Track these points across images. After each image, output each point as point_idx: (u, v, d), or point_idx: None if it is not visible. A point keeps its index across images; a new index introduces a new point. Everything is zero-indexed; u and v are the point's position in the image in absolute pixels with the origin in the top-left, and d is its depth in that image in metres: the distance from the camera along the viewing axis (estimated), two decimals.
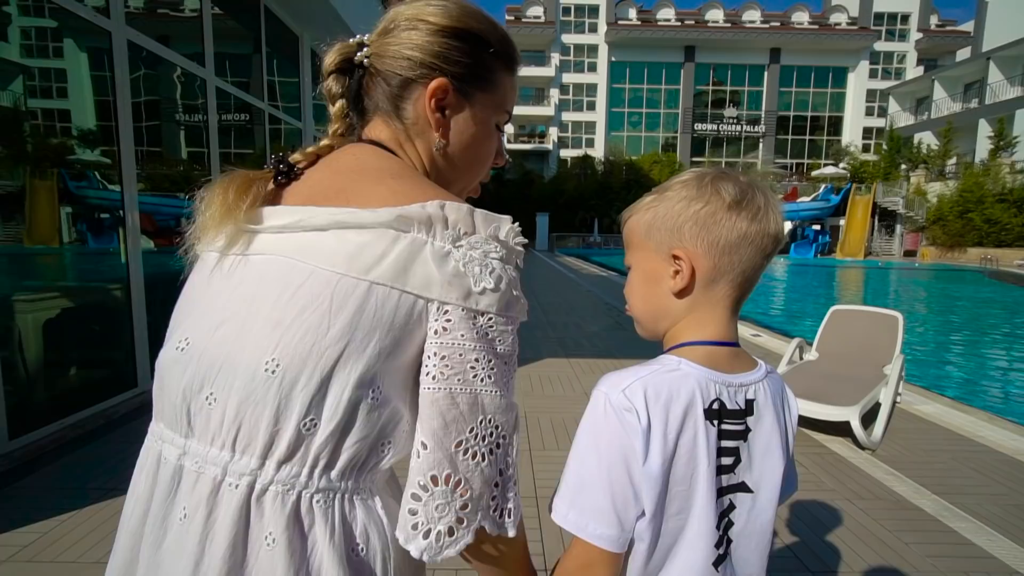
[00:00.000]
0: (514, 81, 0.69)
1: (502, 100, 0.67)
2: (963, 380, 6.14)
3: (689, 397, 0.60)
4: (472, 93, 0.64)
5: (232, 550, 0.50)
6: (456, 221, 0.54)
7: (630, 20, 36.76)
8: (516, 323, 0.57)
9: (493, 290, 0.54)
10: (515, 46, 0.68)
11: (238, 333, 0.52)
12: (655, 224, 0.66)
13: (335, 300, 0.51)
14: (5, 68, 3.17)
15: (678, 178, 0.68)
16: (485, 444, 0.53)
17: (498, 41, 0.65)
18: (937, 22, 37.48)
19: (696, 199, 0.64)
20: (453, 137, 0.64)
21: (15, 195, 3.05)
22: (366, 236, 0.52)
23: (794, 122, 37.43)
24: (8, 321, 2.84)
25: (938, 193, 24.70)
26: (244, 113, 5.55)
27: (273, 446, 0.51)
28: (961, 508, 2.40)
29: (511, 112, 0.70)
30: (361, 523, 0.55)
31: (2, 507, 2.27)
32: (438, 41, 0.61)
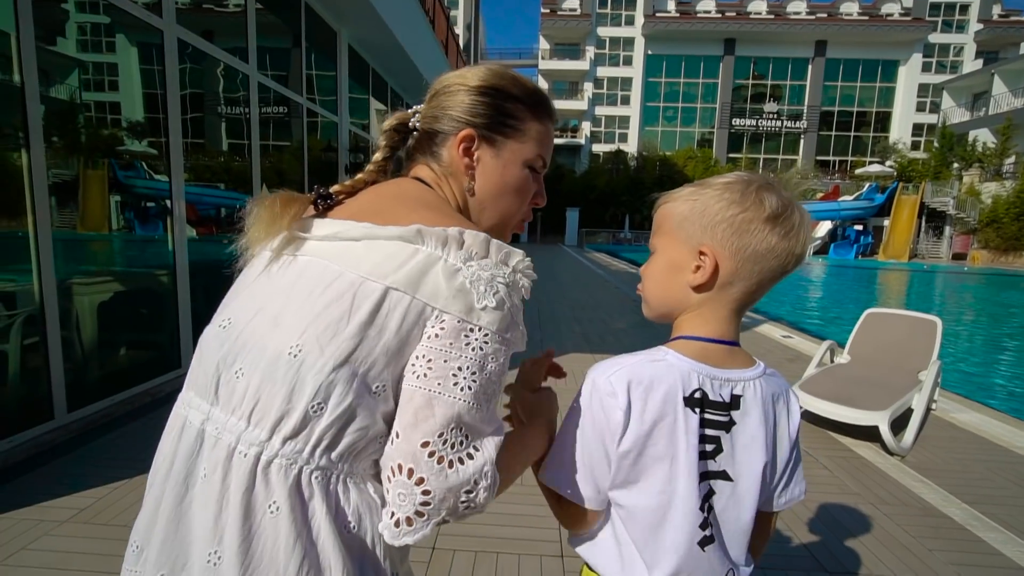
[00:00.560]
0: (547, 129, 0.76)
1: (532, 144, 0.74)
2: (1008, 391, 5.87)
3: (670, 385, 0.66)
4: (497, 139, 0.73)
5: (244, 512, 0.56)
6: (471, 245, 0.61)
7: (668, 12, 36.01)
8: (511, 348, 0.62)
9: (495, 308, 0.59)
10: (546, 99, 0.76)
11: (272, 319, 0.60)
12: (690, 217, 0.69)
13: (356, 299, 0.58)
14: (63, 63, 3.35)
15: (722, 178, 0.70)
16: (454, 452, 0.56)
17: (524, 94, 0.74)
18: (1000, 12, 35.35)
19: (737, 203, 0.67)
20: (480, 178, 0.73)
21: (70, 183, 3.24)
22: (390, 247, 0.60)
23: (838, 118, 36.03)
24: (67, 303, 3.05)
25: (993, 194, 23.42)
26: (283, 106, 5.73)
27: (282, 422, 0.56)
28: (992, 518, 2.33)
29: (545, 156, 0.76)
30: (354, 503, 0.59)
31: (62, 473, 2.46)
32: (468, 99, 0.72)
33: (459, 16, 32.09)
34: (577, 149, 36.40)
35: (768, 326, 6.88)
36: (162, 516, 0.60)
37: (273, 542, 0.56)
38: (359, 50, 7.54)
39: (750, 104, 36.25)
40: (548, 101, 0.77)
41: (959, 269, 21.04)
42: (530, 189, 0.77)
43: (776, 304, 11.52)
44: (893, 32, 33.89)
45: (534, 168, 0.76)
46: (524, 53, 42.66)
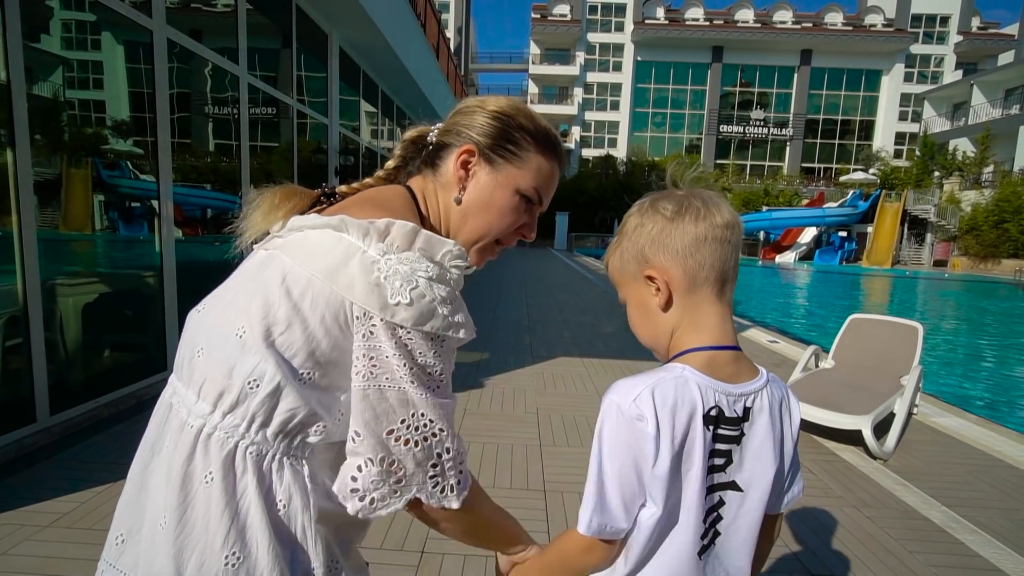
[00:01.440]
0: (551, 167, 0.78)
1: (529, 174, 0.76)
2: (987, 395, 6.01)
3: (692, 404, 0.65)
4: (496, 160, 0.75)
5: (183, 479, 0.59)
6: (394, 237, 0.61)
7: (657, 19, 36.39)
8: (442, 340, 0.62)
9: (408, 304, 0.59)
10: (557, 141, 0.79)
11: (229, 304, 0.64)
12: (624, 258, 0.75)
13: (285, 285, 0.61)
14: (46, 60, 3.31)
15: (627, 214, 0.77)
16: (418, 433, 0.61)
17: (535, 128, 0.77)
18: (979, 25, 36.25)
19: (643, 224, 0.73)
20: (470, 192, 0.75)
21: (52, 182, 3.19)
22: (318, 236, 0.62)
23: (823, 126, 36.64)
24: (51, 304, 3.00)
25: (972, 202, 23.94)
26: (272, 107, 5.70)
27: (223, 397, 0.60)
28: (971, 521, 2.39)
29: (542, 191, 0.78)
30: (286, 483, 0.61)
31: (44, 477, 2.42)
32: (481, 119, 0.76)
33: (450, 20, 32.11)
34: (567, 154, 36.54)
35: (755, 331, 6.96)
36: (130, 481, 0.66)
37: (205, 511, 0.58)
38: (350, 52, 7.52)
39: (737, 111, 36.72)
40: (558, 143, 0.79)
41: (940, 275, 21.46)
42: (516, 216, 0.78)
43: (762, 309, 11.66)
44: (876, 42, 34.59)
45: (528, 199, 0.77)
46: (515, 57, 42.83)
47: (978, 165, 26.03)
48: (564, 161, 0.81)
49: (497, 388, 4.03)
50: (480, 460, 2.79)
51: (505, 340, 5.74)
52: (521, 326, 6.63)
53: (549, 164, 0.78)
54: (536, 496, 2.43)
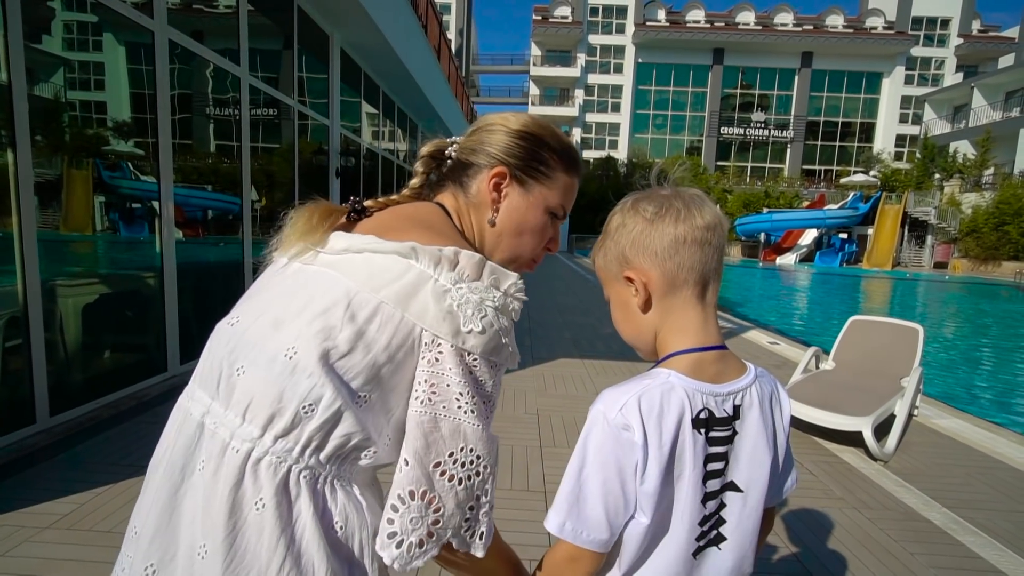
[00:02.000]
0: (573, 184, 0.81)
1: (558, 193, 0.79)
2: (988, 396, 6.00)
3: (680, 409, 0.65)
4: (527, 181, 0.77)
5: (231, 506, 0.57)
6: (464, 267, 0.63)
7: (658, 21, 36.45)
8: (501, 368, 0.65)
9: (480, 332, 0.61)
10: (578, 157, 0.82)
11: (274, 321, 0.62)
12: (608, 258, 0.76)
13: (350, 308, 0.60)
14: (48, 61, 3.31)
15: (612, 212, 0.78)
16: (464, 470, 0.60)
17: (560, 147, 0.79)
18: (979, 27, 36.29)
19: (624, 225, 0.73)
20: (503, 213, 0.77)
21: (53, 183, 3.20)
22: (386, 261, 0.62)
23: (824, 128, 36.65)
24: (51, 305, 3.01)
25: (973, 204, 23.94)
26: (273, 108, 5.71)
27: (274, 420, 0.58)
28: (971, 522, 2.38)
29: (567, 207, 0.81)
30: (341, 504, 0.60)
31: (44, 478, 2.42)
32: (508, 140, 0.76)
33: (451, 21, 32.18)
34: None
35: (755, 332, 6.96)
36: (156, 506, 0.62)
37: (257, 538, 0.56)
38: (351, 54, 7.53)
39: (738, 113, 36.75)
40: (579, 158, 0.82)
41: (940, 278, 21.44)
42: (547, 233, 0.81)
43: (763, 311, 11.66)
44: (877, 45, 34.62)
45: (555, 215, 0.80)
46: (516, 59, 42.91)
47: (978, 167, 26.02)
48: (582, 172, 0.84)
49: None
50: None
51: None
52: (521, 327, 6.64)
53: (572, 181, 0.81)
54: (537, 498, 2.43)
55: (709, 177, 32.50)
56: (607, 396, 0.67)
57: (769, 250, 27.63)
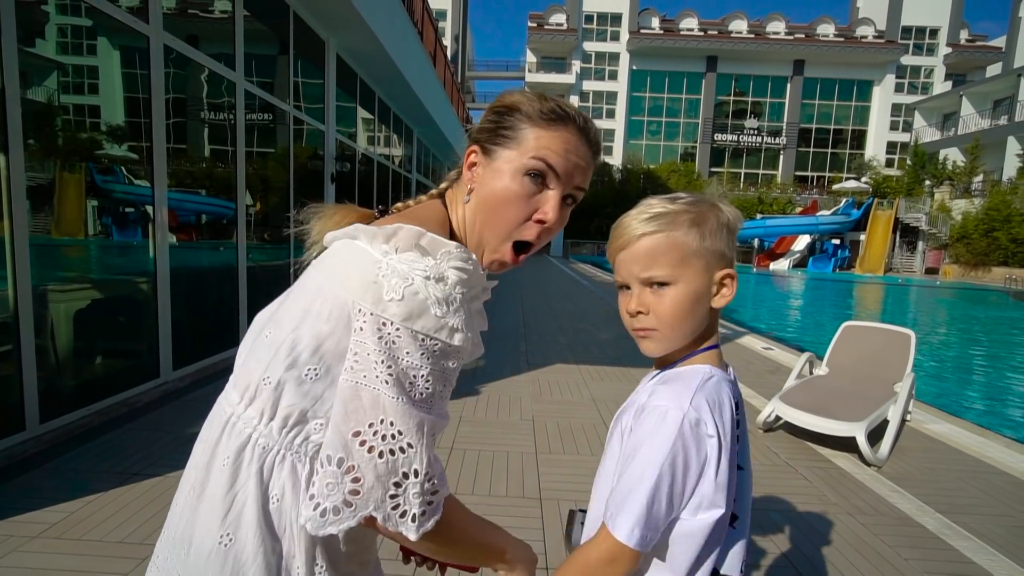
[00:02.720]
0: (558, 134, 0.70)
1: (530, 147, 0.70)
2: (979, 401, 6.04)
3: (729, 399, 0.70)
4: (492, 150, 0.72)
5: (209, 459, 0.64)
6: (399, 240, 0.62)
7: (652, 29, 36.73)
8: (435, 345, 0.61)
9: (399, 300, 0.59)
10: (557, 108, 0.72)
11: (275, 308, 0.69)
12: (703, 245, 0.72)
13: (303, 286, 0.66)
14: (41, 64, 3.30)
15: (706, 200, 0.75)
16: (384, 443, 0.58)
17: (530, 106, 0.71)
18: (967, 37, 36.83)
19: (724, 225, 0.74)
20: (477, 190, 0.73)
21: (45, 187, 3.18)
22: (337, 244, 0.67)
23: (816, 135, 37.01)
24: (41, 310, 2.98)
25: (963, 210, 24.21)
26: (268, 113, 5.70)
27: (247, 390, 0.64)
28: (964, 527, 2.40)
29: (553, 161, 0.70)
30: (283, 479, 0.62)
31: (33, 486, 2.39)
32: (484, 116, 0.76)
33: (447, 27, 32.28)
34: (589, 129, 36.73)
35: (749, 338, 6.98)
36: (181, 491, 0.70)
37: (214, 490, 0.63)
38: (347, 59, 7.54)
39: (731, 120, 37.05)
40: (563, 109, 0.72)
41: (932, 283, 21.64)
42: (522, 202, 0.70)
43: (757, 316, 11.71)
44: (867, 53, 35.05)
45: (537, 174, 0.70)
46: (511, 66, 43.07)
47: (968, 174, 26.34)
48: (584, 127, 0.72)
49: (492, 395, 4.02)
50: (476, 468, 2.78)
51: (501, 347, 5.73)
52: (517, 333, 6.63)
53: (552, 132, 0.70)
54: (532, 504, 2.42)
55: (703, 183, 32.70)
56: (667, 394, 0.67)
57: (763, 256, 27.80)
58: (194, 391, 3.84)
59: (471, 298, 0.67)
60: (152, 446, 2.85)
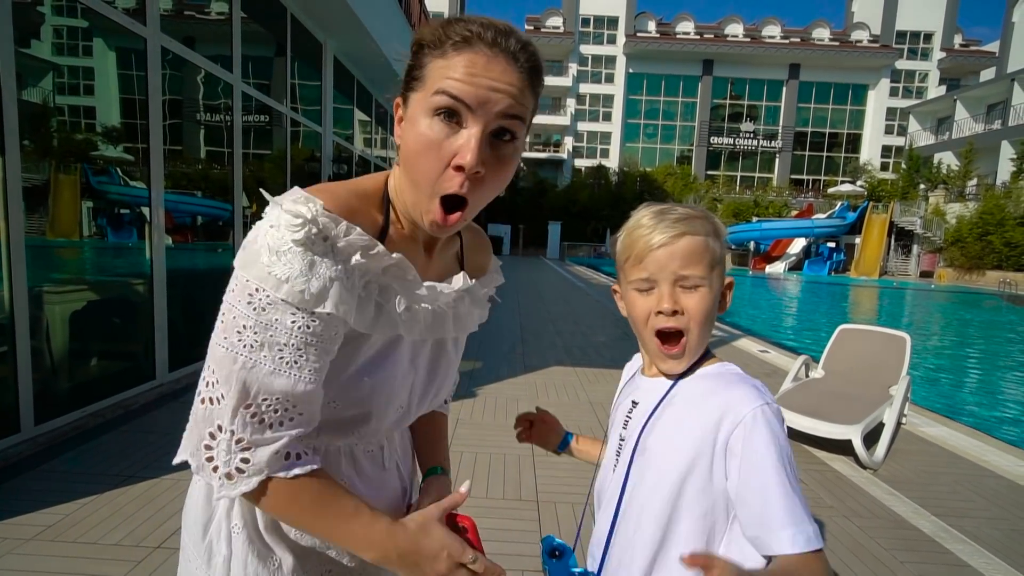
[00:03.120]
0: (461, 58, 0.59)
1: (432, 85, 0.60)
2: (973, 404, 6.07)
3: None
4: (408, 97, 0.64)
5: None
6: (282, 199, 0.60)
7: (649, 33, 36.87)
8: (258, 295, 0.57)
9: (242, 249, 0.59)
10: (453, 28, 0.61)
11: None
12: (721, 254, 0.76)
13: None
14: (36, 65, 3.29)
15: (705, 212, 0.77)
16: (207, 390, 0.57)
17: (431, 35, 0.62)
18: (961, 42, 37.11)
19: (724, 240, 0.77)
20: (400, 147, 0.65)
21: (40, 188, 3.17)
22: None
23: (812, 138, 37.17)
24: (37, 311, 2.96)
25: (957, 214, 24.35)
26: (265, 115, 5.70)
27: None
28: (960, 530, 2.41)
29: (453, 91, 0.59)
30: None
31: (28, 489, 2.37)
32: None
33: None
34: (560, 164, 36.79)
35: (746, 341, 7.00)
36: None
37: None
38: (344, 61, 7.55)
39: (727, 123, 37.17)
40: (465, 28, 0.60)
41: (927, 287, 21.74)
42: (435, 146, 0.60)
43: (753, 319, 11.74)
44: (862, 58, 35.26)
45: (450, 112, 0.59)
46: None
47: (962, 178, 26.50)
48: (496, 41, 0.60)
49: (489, 397, 4.01)
50: (472, 470, 2.78)
51: (497, 349, 5.73)
52: (513, 335, 6.63)
53: (454, 59, 0.59)
54: (529, 507, 2.42)
55: (699, 186, 32.80)
56: (753, 393, 0.69)
57: (758, 259, 27.87)
58: (190, 393, 3.82)
59: (346, 262, 0.60)
60: (148, 448, 2.83)
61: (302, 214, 0.58)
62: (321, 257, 0.59)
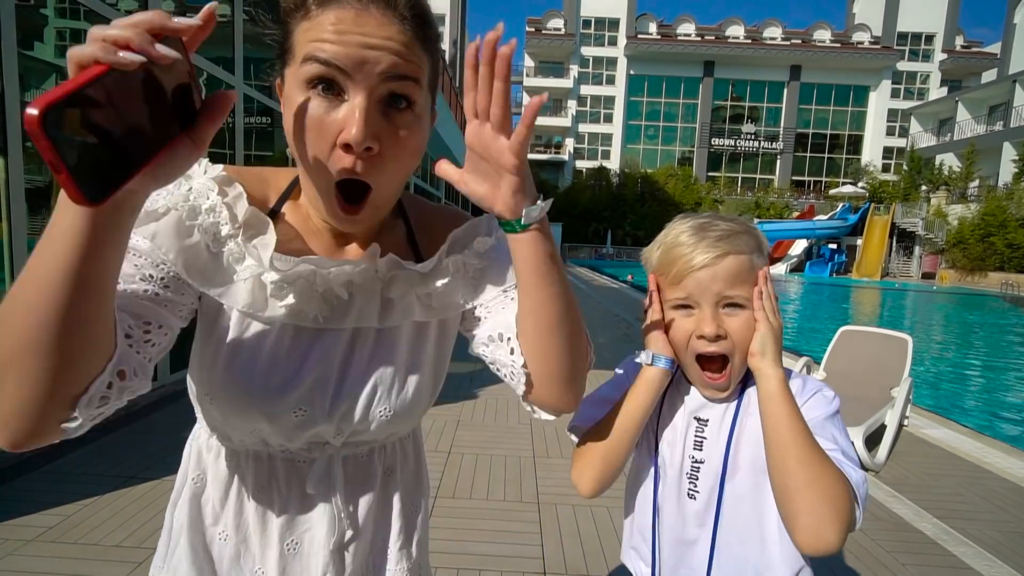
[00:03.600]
0: (313, 20, 0.52)
1: (299, 51, 0.53)
2: (976, 406, 6.06)
3: None
4: (282, 73, 0.57)
5: None
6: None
7: (650, 34, 36.92)
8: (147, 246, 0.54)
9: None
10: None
11: None
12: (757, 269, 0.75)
13: None
14: (40, 68, 3.30)
15: (749, 226, 0.75)
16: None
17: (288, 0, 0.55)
18: (962, 43, 37.11)
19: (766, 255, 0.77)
20: (285, 132, 0.57)
21: (43, 190, 3.18)
22: None
23: (813, 140, 37.19)
24: None
25: (959, 216, 24.32)
26: (267, 117, 5.71)
27: None
28: (962, 533, 2.40)
29: (316, 55, 0.50)
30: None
31: (29, 490, 2.37)
32: None
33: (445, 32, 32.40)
34: (561, 165, 36.83)
35: None
36: None
37: None
38: None
39: (728, 125, 37.21)
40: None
41: (928, 288, 21.71)
42: (315, 122, 0.51)
43: None
44: (863, 59, 35.27)
45: (324, 82, 0.51)
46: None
47: (964, 180, 26.48)
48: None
49: (491, 399, 4.01)
50: (474, 472, 2.78)
51: None
52: None
53: (315, 19, 0.51)
54: (530, 508, 2.42)
55: (700, 187, 32.82)
56: (817, 382, 0.78)
57: None
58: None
59: (196, 202, 0.56)
60: (149, 449, 2.84)
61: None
62: (170, 192, 0.55)
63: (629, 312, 9.30)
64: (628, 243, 30.23)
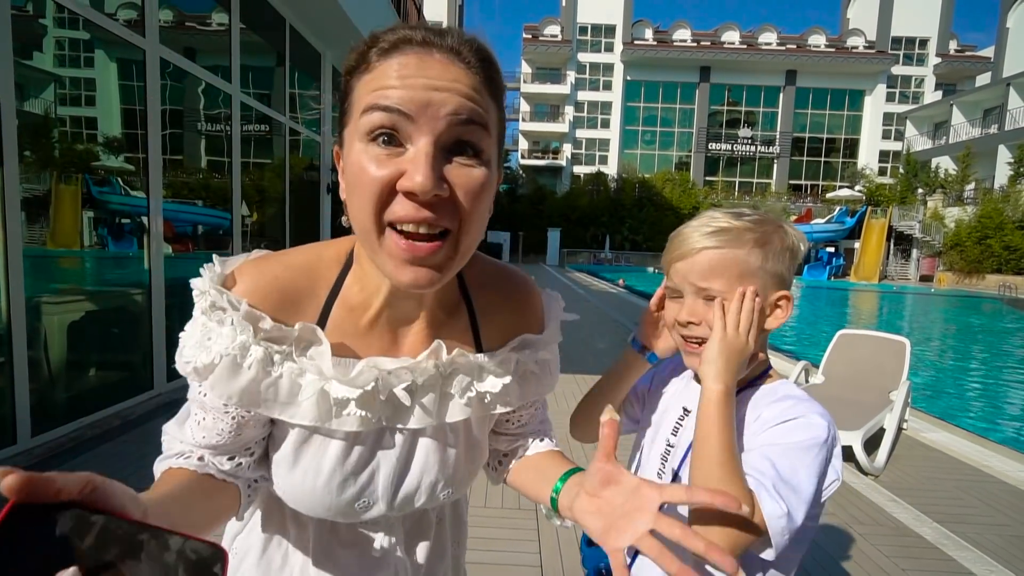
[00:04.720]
0: (374, 72, 0.50)
1: (360, 108, 0.50)
2: (974, 409, 6.06)
3: None
4: (342, 137, 0.55)
5: None
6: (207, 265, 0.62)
7: (646, 40, 37.11)
8: (193, 375, 0.58)
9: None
10: (375, 39, 0.52)
11: None
12: (764, 267, 0.72)
13: None
14: (38, 77, 3.31)
15: (771, 221, 0.74)
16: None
17: (354, 58, 0.53)
18: (956, 47, 37.36)
19: (788, 248, 0.74)
20: (344, 196, 0.55)
21: (41, 199, 3.18)
22: None
23: (809, 144, 37.33)
24: (35, 322, 2.96)
25: (956, 218, 24.40)
26: (265, 124, 5.73)
27: None
28: (962, 537, 2.39)
29: (378, 103, 0.48)
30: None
31: None
32: None
33: None
34: (559, 171, 36.92)
35: None
36: None
37: None
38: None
39: (725, 129, 37.34)
40: (387, 34, 0.51)
41: (926, 291, 21.74)
42: (374, 171, 0.48)
43: None
44: (858, 64, 35.47)
45: (386, 134, 0.48)
46: (507, 76, 43.05)
47: (960, 183, 26.58)
48: (429, 40, 0.50)
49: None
50: None
51: None
52: None
53: (377, 70, 0.50)
54: (528, 516, 2.41)
55: (698, 192, 32.90)
56: (812, 402, 0.73)
57: None
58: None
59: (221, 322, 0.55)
60: (146, 459, 2.80)
61: (197, 285, 0.56)
62: (220, 327, 0.54)
63: (627, 317, 9.30)
64: (626, 248, 30.27)
